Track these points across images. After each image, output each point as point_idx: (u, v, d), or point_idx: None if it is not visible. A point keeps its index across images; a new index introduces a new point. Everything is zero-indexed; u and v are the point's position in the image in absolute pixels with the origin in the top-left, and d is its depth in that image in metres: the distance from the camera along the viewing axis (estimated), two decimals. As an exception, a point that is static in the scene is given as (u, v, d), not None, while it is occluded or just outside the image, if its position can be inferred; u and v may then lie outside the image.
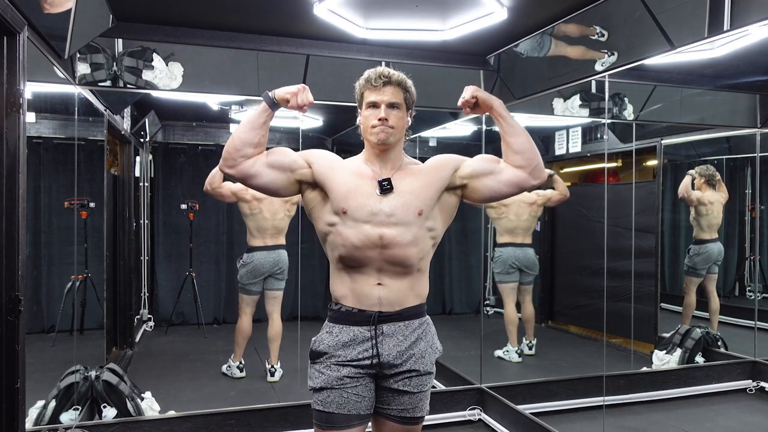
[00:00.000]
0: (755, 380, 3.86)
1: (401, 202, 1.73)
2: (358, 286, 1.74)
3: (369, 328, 1.73)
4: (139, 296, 5.81)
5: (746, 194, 4.46)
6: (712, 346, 4.15)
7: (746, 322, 4.28)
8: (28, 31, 2.08)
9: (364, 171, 1.78)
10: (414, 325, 1.77)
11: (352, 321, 1.75)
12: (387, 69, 1.81)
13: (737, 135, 4.45)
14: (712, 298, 4.37)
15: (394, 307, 1.74)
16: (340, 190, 1.73)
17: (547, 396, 3.54)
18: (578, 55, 3.05)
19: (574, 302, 5.18)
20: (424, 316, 1.82)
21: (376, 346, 1.73)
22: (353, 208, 1.71)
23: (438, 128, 4.93)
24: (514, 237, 4.59)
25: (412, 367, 1.75)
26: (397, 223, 1.71)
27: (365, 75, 1.79)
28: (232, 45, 3.29)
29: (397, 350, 1.74)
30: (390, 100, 1.76)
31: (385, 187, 1.73)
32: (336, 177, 1.76)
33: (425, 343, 1.79)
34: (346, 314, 1.76)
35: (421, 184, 1.78)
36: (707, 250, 4.37)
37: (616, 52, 2.79)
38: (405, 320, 1.76)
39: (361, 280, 1.74)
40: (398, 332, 1.75)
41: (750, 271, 4.46)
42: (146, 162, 5.92)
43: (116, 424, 3.07)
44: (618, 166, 4.92)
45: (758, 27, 2.09)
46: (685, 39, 2.37)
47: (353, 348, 1.74)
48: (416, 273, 1.76)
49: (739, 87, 3.92)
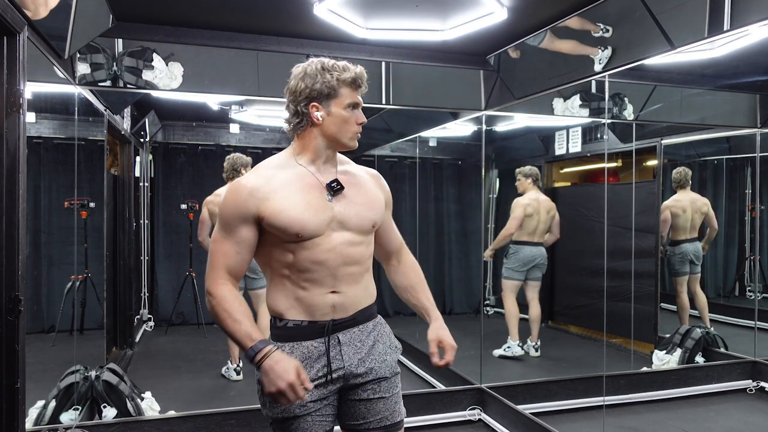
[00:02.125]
0: (755, 380, 3.86)
1: (354, 212, 1.60)
2: (309, 295, 1.57)
3: (323, 340, 1.57)
4: (139, 296, 5.81)
5: (746, 194, 4.46)
6: (712, 345, 4.15)
7: (746, 322, 4.28)
8: (28, 31, 2.07)
9: (306, 178, 1.58)
10: (369, 328, 1.65)
11: (302, 336, 1.57)
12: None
13: (737, 135, 4.45)
14: (697, 297, 4.41)
15: (348, 311, 1.60)
16: (291, 216, 1.51)
17: (547, 396, 3.54)
18: (578, 54, 3.05)
19: (574, 302, 5.18)
20: (376, 317, 1.70)
21: (334, 358, 1.58)
22: (310, 230, 1.53)
23: (438, 128, 4.94)
24: (532, 236, 4.66)
25: (378, 374, 1.63)
26: (350, 229, 1.60)
27: (349, 73, 1.62)
28: (232, 45, 3.29)
29: (358, 357, 1.60)
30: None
31: (336, 188, 1.58)
32: (283, 206, 1.52)
33: (383, 345, 1.67)
34: (294, 330, 1.58)
35: (372, 194, 1.68)
36: (682, 250, 4.44)
37: (611, 47, 2.79)
38: (360, 324, 1.63)
39: (313, 289, 1.57)
40: (355, 339, 1.61)
41: (750, 271, 4.46)
42: (146, 162, 5.92)
43: (116, 424, 3.07)
44: (618, 166, 4.92)
45: (758, 27, 2.09)
46: (685, 39, 2.37)
47: (310, 366, 1.56)
48: (368, 273, 1.67)
49: (739, 87, 3.92)
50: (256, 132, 6.26)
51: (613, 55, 2.79)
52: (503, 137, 5.25)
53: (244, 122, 6.00)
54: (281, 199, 1.53)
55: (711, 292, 4.84)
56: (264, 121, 5.95)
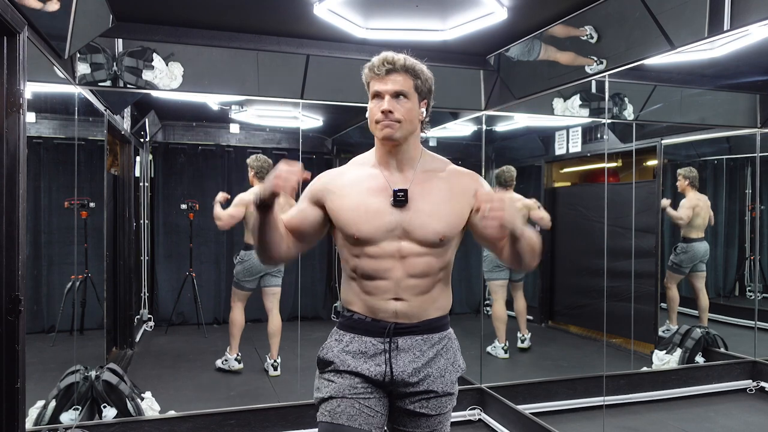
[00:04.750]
0: (755, 380, 3.86)
1: (419, 222, 1.51)
2: (372, 299, 1.55)
3: (383, 341, 1.55)
4: (139, 296, 5.81)
5: (746, 194, 4.46)
6: (712, 345, 4.15)
7: (746, 322, 4.28)
8: (28, 31, 2.07)
9: (375, 180, 1.56)
10: (433, 340, 1.58)
11: (364, 330, 1.56)
12: (393, 54, 1.55)
13: (737, 135, 4.45)
14: (701, 296, 4.41)
15: (412, 319, 1.55)
16: (349, 217, 1.53)
17: (547, 396, 3.54)
18: (578, 54, 3.05)
19: (574, 302, 5.18)
20: (446, 330, 1.62)
21: (389, 361, 1.54)
22: (366, 234, 1.51)
23: (438, 128, 4.93)
24: None
25: (430, 387, 1.56)
26: (415, 239, 1.52)
27: (370, 62, 1.56)
28: (232, 45, 3.29)
29: (413, 367, 1.55)
30: (395, 89, 1.51)
31: (400, 198, 1.51)
32: (344, 204, 1.54)
33: (445, 360, 1.59)
34: (358, 322, 1.57)
35: (445, 202, 1.55)
36: (693, 249, 4.44)
37: (611, 47, 2.79)
38: (423, 333, 1.56)
39: (377, 293, 1.54)
40: (415, 347, 1.55)
41: (750, 271, 4.46)
42: (146, 162, 5.92)
43: (116, 424, 3.07)
44: (618, 166, 4.92)
45: (758, 27, 2.09)
46: (685, 39, 2.37)
47: (364, 361, 1.55)
48: (439, 284, 1.58)
49: (739, 87, 3.92)
50: (256, 132, 6.26)
51: (612, 56, 2.79)
52: (503, 137, 5.25)
53: (244, 122, 6.00)
54: (345, 197, 1.55)
55: (711, 292, 4.84)
56: (264, 121, 5.95)
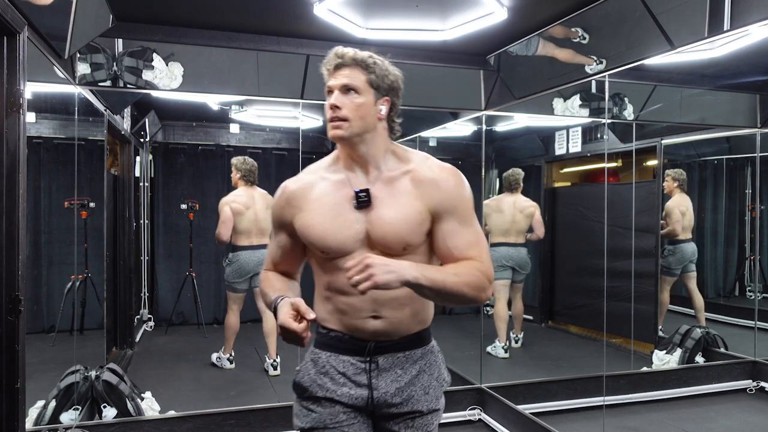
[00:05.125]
0: (755, 380, 3.86)
1: (381, 230, 1.39)
2: (348, 319, 1.44)
3: (363, 359, 1.45)
4: (139, 296, 5.81)
5: (746, 194, 4.46)
6: (712, 345, 4.15)
7: (746, 322, 4.27)
8: (28, 31, 2.07)
9: (342, 186, 1.44)
10: (416, 356, 1.48)
11: (342, 349, 1.46)
12: (344, 48, 1.44)
13: (737, 135, 4.45)
14: (695, 296, 4.42)
15: (392, 336, 1.45)
16: (316, 232, 1.42)
17: (547, 396, 3.54)
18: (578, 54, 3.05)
19: (574, 302, 5.18)
20: (428, 343, 1.52)
21: (370, 382, 1.44)
22: (335, 246, 1.41)
23: (438, 128, 4.93)
24: (507, 237, 4.71)
25: (414, 407, 1.47)
26: (381, 248, 1.40)
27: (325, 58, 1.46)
28: (232, 45, 3.29)
29: (396, 386, 1.45)
30: (343, 83, 1.40)
31: (362, 199, 1.39)
32: (311, 219, 1.43)
33: (428, 376, 1.49)
34: (335, 339, 1.47)
35: (409, 205, 1.41)
36: (681, 250, 4.47)
37: (610, 47, 2.79)
38: (405, 350, 1.47)
39: (352, 312, 1.43)
40: (397, 365, 1.46)
41: (750, 271, 4.46)
42: (146, 162, 5.92)
43: (116, 424, 3.07)
44: (618, 166, 4.92)
45: (758, 27, 2.09)
46: (685, 39, 2.37)
47: (344, 382, 1.45)
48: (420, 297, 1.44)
49: (739, 87, 3.92)
50: (256, 132, 6.26)
51: (612, 56, 2.79)
52: (503, 137, 5.25)
53: (244, 122, 6.00)
54: (312, 210, 1.44)
55: (711, 292, 4.84)
56: (264, 121, 5.95)
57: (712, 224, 4.85)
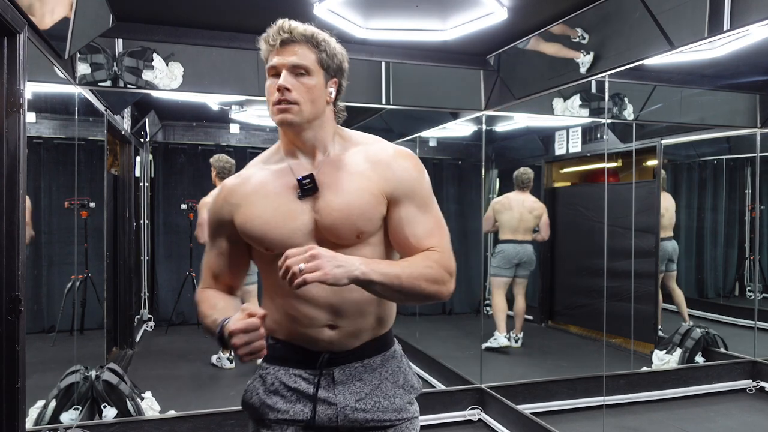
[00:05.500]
0: (755, 380, 3.86)
1: (331, 218, 1.24)
2: (300, 328, 1.28)
3: (314, 373, 1.30)
4: (139, 296, 5.81)
5: (746, 194, 4.46)
6: (712, 345, 4.15)
7: (746, 322, 4.28)
8: (28, 31, 2.07)
9: (284, 176, 1.29)
10: (376, 363, 1.33)
11: (292, 361, 1.31)
12: (291, 21, 1.31)
13: (737, 135, 4.45)
14: (675, 293, 4.46)
15: (350, 345, 1.30)
16: (255, 226, 1.27)
17: (547, 396, 3.54)
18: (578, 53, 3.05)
19: (574, 302, 5.18)
20: (389, 348, 1.37)
21: (325, 397, 1.30)
22: (278, 241, 1.25)
23: (438, 128, 4.94)
24: (515, 234, 4.77)
25: (381, 419, 1.32)
26: (331, 239, 1.25)
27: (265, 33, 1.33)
28: (232, 45, 3.29)
29: (356, 399, 1.30)
30: (292, 62, 1.25)
31: (306, 186, 1.25)
32: (251, 214, 1.28)
33: (392, 384, 1.35)
34: (283, 351, 1.32)
35: (360, 189, 1.26)
36: (662, 247, 4.50)
37: (610, 47, 2.79)
38: (363, 359, 1.32)
39: (304, 321, 1.27)
40: (354, 376, 1.31)
41: (750, 271, 4.46)
42: (146, 162, 5.93)
43: (116, 424, 3.07)
44: (618, 166, 4.93)
45: (758, 27, 2.09)
46: (685, 39, 2.37)
47: (297, 400, 1.30)
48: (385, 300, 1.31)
49: (739, 87, 3.92)
50: (256, 132, 6.26)
51: (612, 56, 2.79)
52: (503, 137, 5.25)
53: (244, 122, 6.00)
54: (251, 204, 1.28)
55: (711, 292, 4.84)
56: (264, 121, 5.95)
57: (712, 224, 4.86)
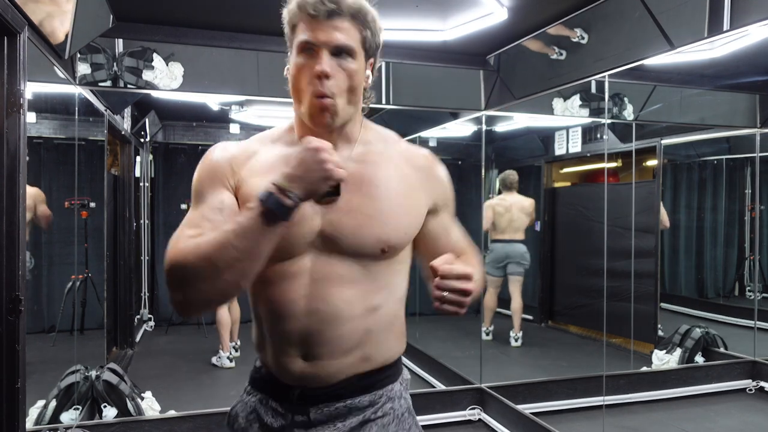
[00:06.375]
0: (755, 380, 3.86)
1: (351, 226, 1.00)
2: (274, 352, 1.07)
3: (289, 409, 1.07)
4: (139, 296, 5.81)
5: (746, 194, 4.46)
6: (712, 345, 4.15)
7: (746, 322, 4.28)
8: (29, 31, 2.08)
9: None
10: (362, 403, 1.07)
11: (270, 391, 1.10)
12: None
13: (737, 135, 4.45)
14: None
15: (324, 382, 1.05)
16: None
17: (547, 396, 3.54)
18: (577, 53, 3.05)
19: (574, 302, 5.18)
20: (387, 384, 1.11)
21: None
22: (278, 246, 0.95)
23: (438, 128, 4.94)
24: (503, 234, 4.90)
25: None
26: (341, 250, 1.01)
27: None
28: (232, 45, 3.29)
29: None
30: (339, 42, 0.99)
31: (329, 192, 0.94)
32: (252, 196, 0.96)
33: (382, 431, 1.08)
34: (264, 379, 1.12)
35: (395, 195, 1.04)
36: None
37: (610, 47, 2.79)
38: (348, 398, 1.06)
39: (277, 343, 1.06)
40: (337, 417, 1.06)
41: (750, 271, 4.46)
42: (146, 162, 5.93)
43: (117, 424, 3.07)
44: (618, 166, 4.93)
45: (758, 27, 2.09)
46: (685, 39, 2.37)
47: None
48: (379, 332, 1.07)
49: (739, 87, 3.92)
50: (256, 132, 6.24)
51: (612, 56, 2.79)
52: (503, 137, 5.26)
53: (244, 122, 6.00)
54: (253, 189, 0.99)
55: (711, 292, 4.84)
56: (264, 121, 5.94)
57: (712, 224, 4.86)
